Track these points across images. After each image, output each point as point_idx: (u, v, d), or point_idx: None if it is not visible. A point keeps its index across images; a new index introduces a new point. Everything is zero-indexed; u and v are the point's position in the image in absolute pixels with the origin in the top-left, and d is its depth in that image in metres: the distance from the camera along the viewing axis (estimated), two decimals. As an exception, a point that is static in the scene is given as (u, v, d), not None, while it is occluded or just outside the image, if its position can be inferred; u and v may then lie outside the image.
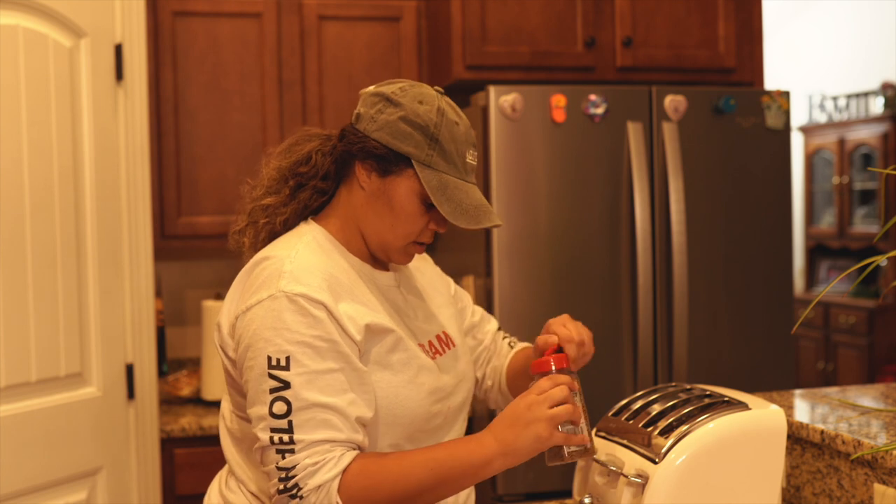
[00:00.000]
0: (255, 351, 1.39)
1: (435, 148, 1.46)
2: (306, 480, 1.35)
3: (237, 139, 3.10)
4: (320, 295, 1.40)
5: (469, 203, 1.47)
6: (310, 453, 1.35)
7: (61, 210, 2.32)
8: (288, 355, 1.37)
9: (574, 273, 2.82)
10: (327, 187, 1.55)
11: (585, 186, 2.83)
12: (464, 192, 1.47)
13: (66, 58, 2.35)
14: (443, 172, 1.46)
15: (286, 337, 1.37)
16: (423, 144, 1.45)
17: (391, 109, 1.47)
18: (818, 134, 6.60)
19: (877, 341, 5.80)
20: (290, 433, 1.36)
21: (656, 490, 1.46)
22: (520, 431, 1.39)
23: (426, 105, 1.47)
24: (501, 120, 2.76)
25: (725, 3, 3.15)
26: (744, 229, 2.96)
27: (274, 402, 1.36)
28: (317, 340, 1.38)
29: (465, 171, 1.48)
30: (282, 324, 1.38)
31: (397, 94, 1.48)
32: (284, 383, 1.36)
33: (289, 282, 1.40)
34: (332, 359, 1.39)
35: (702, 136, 2.92)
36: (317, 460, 1.35)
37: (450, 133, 1.46)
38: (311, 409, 1.36)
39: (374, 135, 1.47)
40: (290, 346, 1.37)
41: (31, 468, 2.25)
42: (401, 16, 3.20)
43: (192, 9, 3.06)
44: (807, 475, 1.79)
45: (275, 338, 1.38)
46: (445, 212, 1.45)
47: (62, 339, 2.33)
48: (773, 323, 2.98)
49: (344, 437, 1.38)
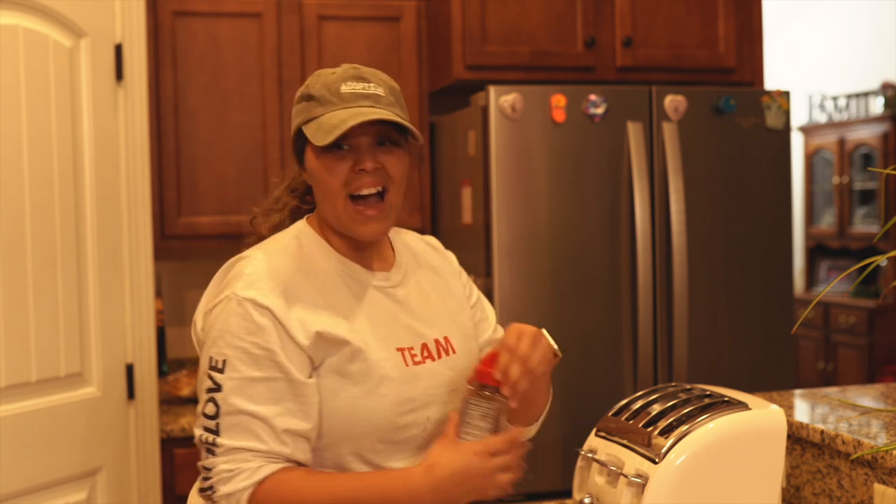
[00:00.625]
0: (205, 349, 1.43)
1: (311, 103, 1.46)
2: (219, 486, 1.36)
3: (237, 139, 3.10)
4: (268, 300, 1.39)
5: (338, 119, 1.41)
6: (227, 459, 1.36)
7: (61, 210, 2.32)
8: (225, 359, 1.38)
9: (574, 273, 2.82)
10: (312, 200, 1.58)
11: (585, 186, 2.83)
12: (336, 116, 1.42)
13: (66, 58, 2.35)
14: (315, 116, 1.44)
15: (227, 340, 1.39)
16: (303, 109, 1.47)
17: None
18: (818, 134, 6.60)
19: (877, 341, 5.80)
20: (215, 435, 1.37)
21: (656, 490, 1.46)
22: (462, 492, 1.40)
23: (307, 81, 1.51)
24: (501, 120, 2.76)
25: (725, 3, 3.15)
26: (744, 229, 2.96)
27: (207, 403, 1.38)
28: (254, 347, 1.38)
29: (342, 101, 1.44)
30: (227, 327, 1.39)
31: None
32: (217, 386, 1.38)
33: (244, 285, 1.41)
34: (268, 368, 1.38)
35: (702, 136, 2.92)
36: (232, 468, 1.35)
37: (322, 82, 1.47)
38: (238, 415, 1.36)
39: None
40: (228, 349, 1.38)
41: (31, 468, 2.25)
42: (401, 16, 3.20)
43: (192, 9, 3.06)
44: (807, 475, 1.79)
45: (218, 339, 1.40)
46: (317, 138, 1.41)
47: (62, 339, 2.33)
48: (773, 323, 2.98)
49: (266, 449, 1.37)
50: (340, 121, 1.40)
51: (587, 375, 2.83)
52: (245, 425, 1.36)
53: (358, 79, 1.47)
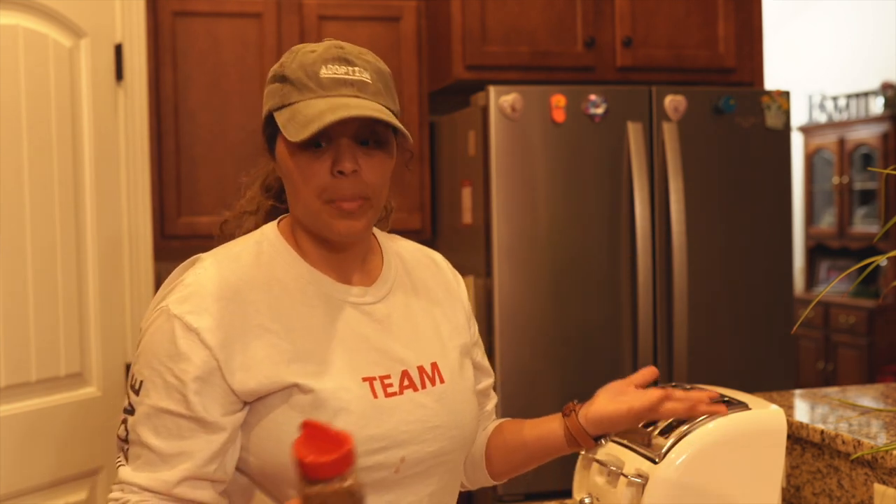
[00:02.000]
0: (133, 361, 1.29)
1: (285, 85, 1.25)
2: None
3: (237, 139, 3.10)
4: (201, 321, 1.21)
5: (314, 112, 1.20)
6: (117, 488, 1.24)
7: (61, 210, 2.32)
8: (142, 380, 1.23)
9: (574, 273, 2.82)
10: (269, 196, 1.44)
11: (585, 186, 2.83)
12: (307, 105, 1.22)
13: (66, 58, 2.35)
14: (294, 103, 1.23)
15: (147, 359, 1.24)
16: (276, 91, 1.26)
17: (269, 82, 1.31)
18: (818, 134, 6.60)
19: (877, 341, 5.79)
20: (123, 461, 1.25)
21: (656, 490, 1.46)
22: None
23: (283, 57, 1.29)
24: (501, 120, 2.76)
25: (725, 3, 3.15)
26: (744, 229, 2.96)
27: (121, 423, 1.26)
28: (169, 374, 1.21)
29: (321, 88, 1.23)
30: (150, 343, 1.24)
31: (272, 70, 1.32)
32: (131, 408, 1.24)
33: (179, 298, 1.24)
34: (175, 400, 1.21)
35: (702, 136, 2.92)
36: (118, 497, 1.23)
37: (298, 63, 1.25)
38: (141, 447, 1.23)
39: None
40: (146, 370, 1.23)
41: (31, 468, 2.25)
42: (401, 16, 3.20)
43: (192, 9, 3.06)
44: (807, 475, 1.79)
45: (141, 356, 1.25)
46: (291, 133, 1.20)
47: (62, 339, 2.33)
48: (773, 323, 2.98)
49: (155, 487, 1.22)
50: (318, 113, 1.19)
51: (587, 375, 2.82)
52: (145, 458, 1.22)
53: (340, 61, 1.24)
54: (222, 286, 1.24)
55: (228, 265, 1.28)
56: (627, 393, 1.39)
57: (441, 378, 1.34)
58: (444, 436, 1.31)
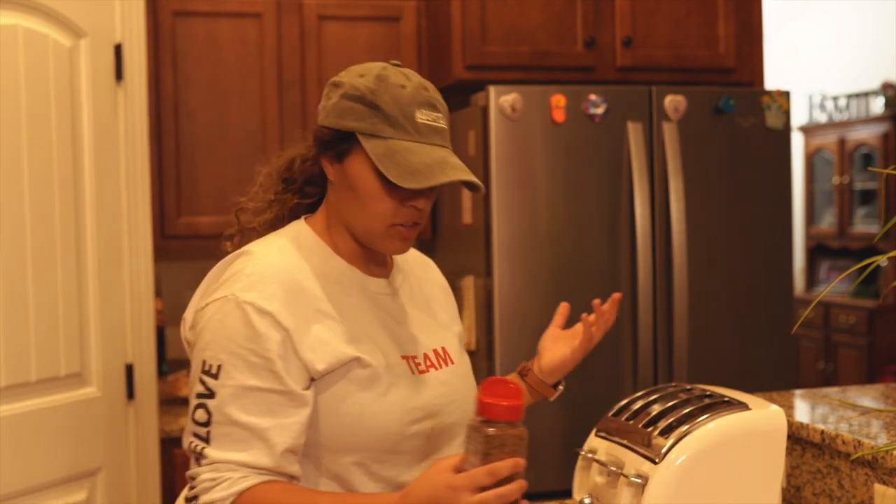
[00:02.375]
0: (197, 350, 1.36)
1: (377, 115, 1.37)
2: (202, 496, 1.31)
3: (237, 139, 3.10)
4: (271, 305, 1.33)
5: (422, 161, 1.34)
6: (211, 469, 1.31)
7: (61, 210, 2.32)
8: (220, 364, 1.32)
9: (574, 273, 2.82)
10: (313, 192, 1.51)
11: (585, 186, 2.83)
12: (415, 153, 1.35)
13: (66, 58, 2.35)
14: (389, 138, 1.36)
15: (223, 344, 1.32)
16: (365, 115, 1.37)
17: (334, 92, 1.42)
18: (818, 134, 6.60)
19: (877, 341, 5.79)
20: (205, 444, 1.32)
21: (656, 490, 1.46)
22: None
23: (365, 77, 1.40)
24: (501, 120, 2.76)
25: (725, 3, 3.15)
26: (744, 229, 2.96)
27: (197, 409, 1.32)
28: (251, 355, 1.31)
29: (417, 132, 1.37)
30: (223, 329, 1.33)
31: (342, 76, 1.44)
32: (210, 392, 1.32)
33: (244, 286, 1.34)
34: (264, 378, 1.31)
35: (702, 136, 2.92)
36: (215, 477, 1.30)
37: (392, 96, 1.37)
38: (230, 425, 1.31)
39: (324, 122, 1.42)
40: (224, 354, 1.32)
41: (31, 468, 2.25)
42: (401, 16, 3.20)
43: (192, 9, 3.06)
44: (807, 475, 1.79)
45: (213, 343, 1.33)
46: (393, 176, 1.32)
47: (62, 339, 2.33)
48: (773, 323, 2.98)
49: (252, 461, 1.31)
50: (424, 165, 1.34)
51: (587, 375, 2.82)
52: (235, 436, 1.30)
53: (430, 106, 1.40)
54: (282, 275, 1.36)
55: (280, 256, 1.40)
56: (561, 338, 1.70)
57: (451, 359, 1.52)
58: (460, 409, 1.47)
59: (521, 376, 1.70)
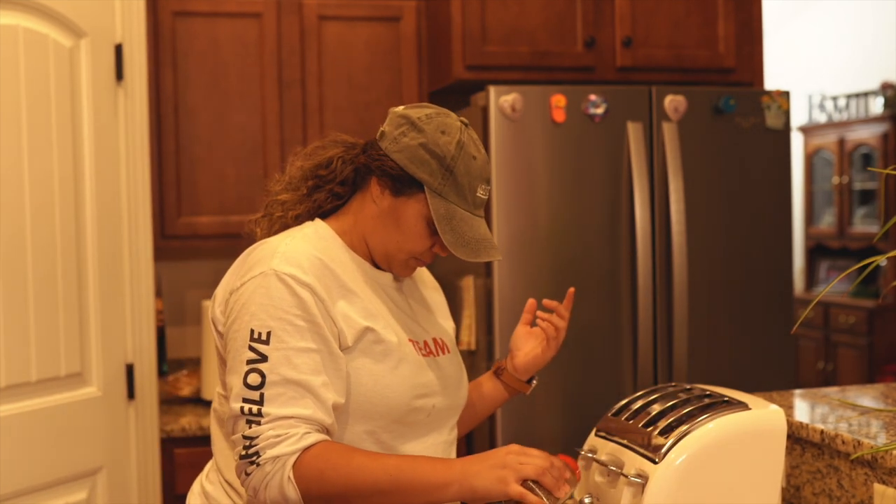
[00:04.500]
0: (240, 323, 1.46)
1: (448, 179, 1.51)
2: (266, 450, 1.39)
3: (237, 139, 3.10)
4: (308, 278, 1.45)
5: (472, 236, 1.53)
6: (274, 426, 1.39)
7: (61, 210, 2.32)
8: (269, 330, 1.42)
9: (574, 273, 2.82)
10: (343, 192, 1.62)
11: (585, 186, 2.84)
12: (468, 225, 1.53)
13: (66, 58, 2.36)
14: (452, 203, 1.52)
15: (270, 312, 1.43)
16: (438, 173, 1.51)
17: (414, 134, 1.53)
18: (818, 134, 6.60)
19: (877, 341, 5.80)
20: (259, 405, 1.40)
21: (656, 490, 1.46)
22: (486, 469, 1.40)
23: (447, 136, 1.53)
24: (501, 120, 2.76)
25: (725, 3, 3.15)
26: (744, 229, 2.96)
27: (249, 374, 1.41)
28: (298, 319, 1.43)
29: (473, 205, 1.55)
30: (268, 300, 1.44)
31: (422, 121, 1.55)
32: (262, 356, 1.41)
33: (280, 261, 1.46)
34: (312, 339, 1.43)
35: (702, 136, 2.92)
36: (280, 433, 1.39)
37: (465, 167, 1.53)
38: (285, 384, 1.41)
39: (394, 156, 1.53)
40: (273, 321, 1.43)
41: (31, 468, 2.25)
42: (401, 16, 3.20)
43: (192, 9, 3.06)
44: (807, 475, 1.79)
45: (260, 312, 1.43)
46: (447, 241, 1.50)
47: (62, 339, 2.33)
48: (773, 323, 2.98)
49: (311, 415, 1.41)
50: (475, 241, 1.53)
51: (587, 375, 2.83)
52: (292, 394, 1.40)
53: (487, 182, 1.57)
54: (310, 256, 1.49)
55: (305, 242, 1.52)
56: (531, 336, 1.80)
57: (448, 349, 1.66)
58: (456, 393, 1.64)
59: (497, 375, 1.82)
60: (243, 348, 1.43)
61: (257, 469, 1.39)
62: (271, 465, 1.39)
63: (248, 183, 3.10)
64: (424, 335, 1.63)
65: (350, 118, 3.16)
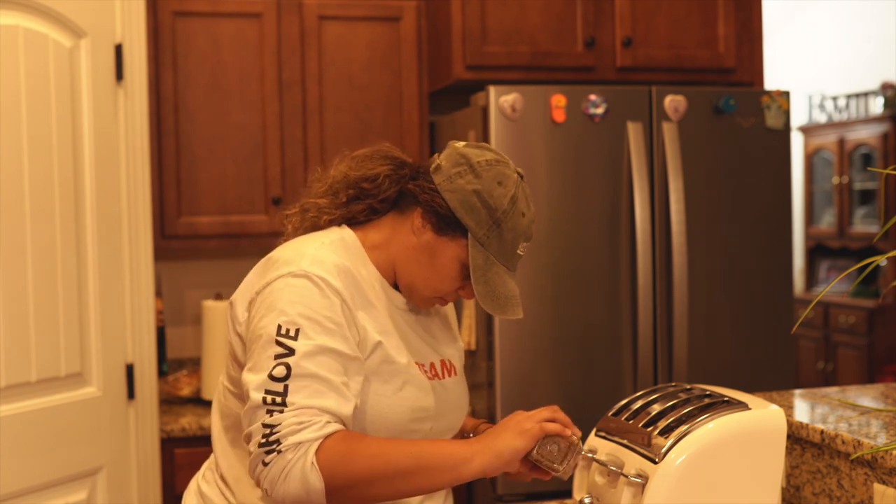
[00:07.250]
0: (267, 320, 1.45)
1: (494, 231, 1.51)
2: (288, 437, 1.38)
3: (237, 139, 3.10)
4: (337, 283, 1.46)
5: (502, 292, 1.53)
6: (297, 414, 1.39)
7: (61, 210, 2.32)
8: (298, 327, 1.43)
9: (574, 273, 2.82)
10: (381, 208, 1.59)
11: (585, 186, 2.83)
12: (502, 280, 1.53)
13: (66, 58, 2.36)
14: (491, 255, 1.52)
15: (300, 311, 1.43)
16: (486, 224, 1.51)
17: (471, 178, 1.52)
18: (818, 134, 6.60)
19: (877, 341, 5.80)
20: (283, 395, 1.40)
21: (656, 490, 1.46)
22: (502, 433, 1.46)
23: (503, 188, 1.52)
24: (501, 120, 2.76)
25: (725, 3, 3.15)
26: (744, 229, 2.96)
27: (275, 367, 1.41)
28: (327, 321, 1.44)
29: (511, 261, 1.54)
30: (299, 297, 1.44)
31: (482, 166, 1.53)
32: (290, 350, 1.41)
33: (311, 263, 1.47)
34: (337, 341, 1.44)
35: (702, 136, 2.92)
36: (302, 420, 1.39)
37: (513, 223, 1.52)
38: (310, 378, 1.41)
39: (446, 195, 1.52)
40: (302, 319, 1.43)
41: (31, 468, 2.25)
42: (401, 16, 3.20)
43: (192, 9, 3.06)
44: (807, 475, 1.79)
45: (289, 309, 1.44)
46: (478, 291, 1.51)
47: (62, 339, 2.33)
48: (773, 323, 2.98)
49: (335, 408, 1.41)
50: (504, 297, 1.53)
51: (587, 375, 2.83)
52: (315, 387, 1.40)
53: (528, 239, 1.57)
54: (337, 263, 1.49)
55: (334, 249, 1.52)
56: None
57: (455, 371, 1.66)
58: (455, 416, 1.64)
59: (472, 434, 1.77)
60: (269, 343, 1.43)
61: (277, 457, 1.37)
62: (293, 451, 1.37)
63: (248, 183, 3.10)
64: (432, 357, 1.62)
65: (350, 118, 3.16)
